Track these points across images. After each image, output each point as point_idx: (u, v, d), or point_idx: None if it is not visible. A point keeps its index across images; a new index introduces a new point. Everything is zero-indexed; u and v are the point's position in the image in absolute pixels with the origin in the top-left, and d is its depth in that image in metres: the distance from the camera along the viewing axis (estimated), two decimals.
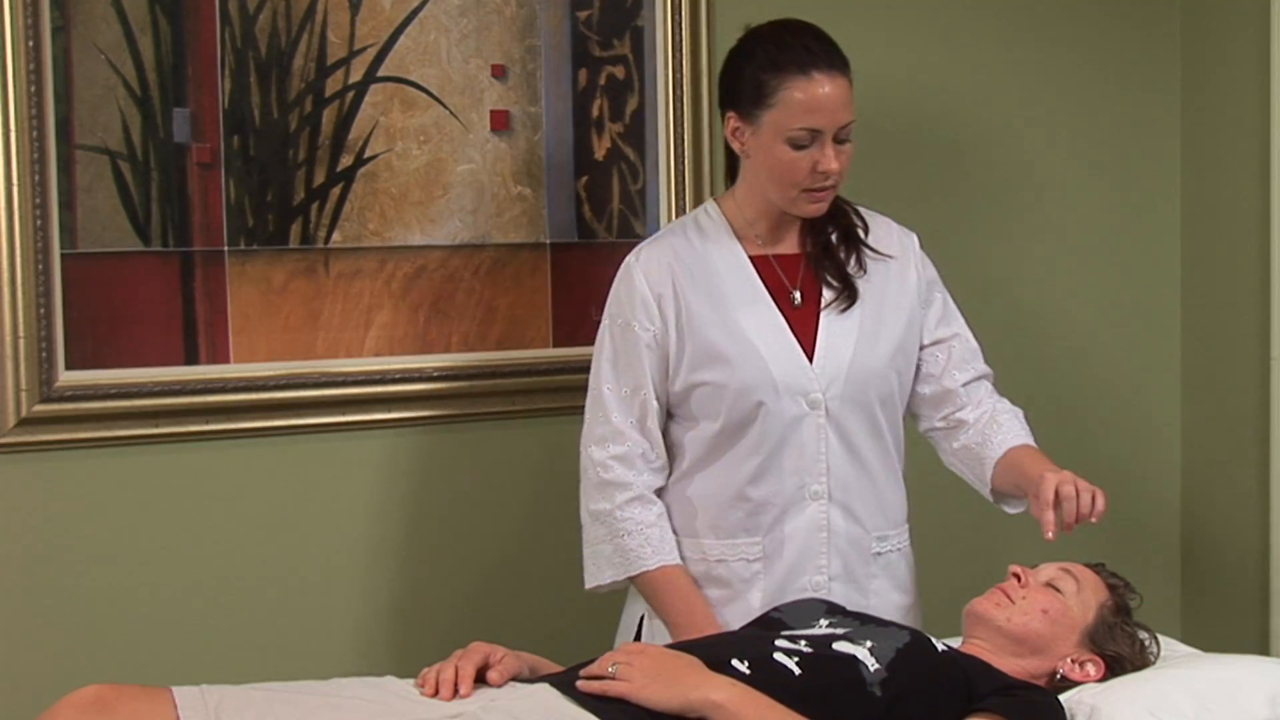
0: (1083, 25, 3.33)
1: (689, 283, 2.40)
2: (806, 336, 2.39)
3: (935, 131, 3.23)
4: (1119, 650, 2.19)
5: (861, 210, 2.51)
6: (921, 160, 3.21)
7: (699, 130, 3.00)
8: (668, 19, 2.97)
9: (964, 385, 2.49)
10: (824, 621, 2.18)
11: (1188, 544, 3.47)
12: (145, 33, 2.63)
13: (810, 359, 2.38)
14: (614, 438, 2.40)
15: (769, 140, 2.32)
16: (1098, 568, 2.28)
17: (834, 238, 2.45)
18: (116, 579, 2.68)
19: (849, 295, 2.41)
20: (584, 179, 2.95)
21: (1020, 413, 2.52)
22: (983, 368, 2.53)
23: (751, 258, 2.42)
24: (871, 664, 2.01)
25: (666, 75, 2.98)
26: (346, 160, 2.78)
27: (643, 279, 2.40)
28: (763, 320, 2.38)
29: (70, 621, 2.66)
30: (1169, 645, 2.34)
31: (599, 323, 2.48)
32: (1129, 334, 3.42)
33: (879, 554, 2.45)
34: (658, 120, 2.99)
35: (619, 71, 2.97)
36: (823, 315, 2.40)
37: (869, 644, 2.05)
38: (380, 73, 2.79)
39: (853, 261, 2.44)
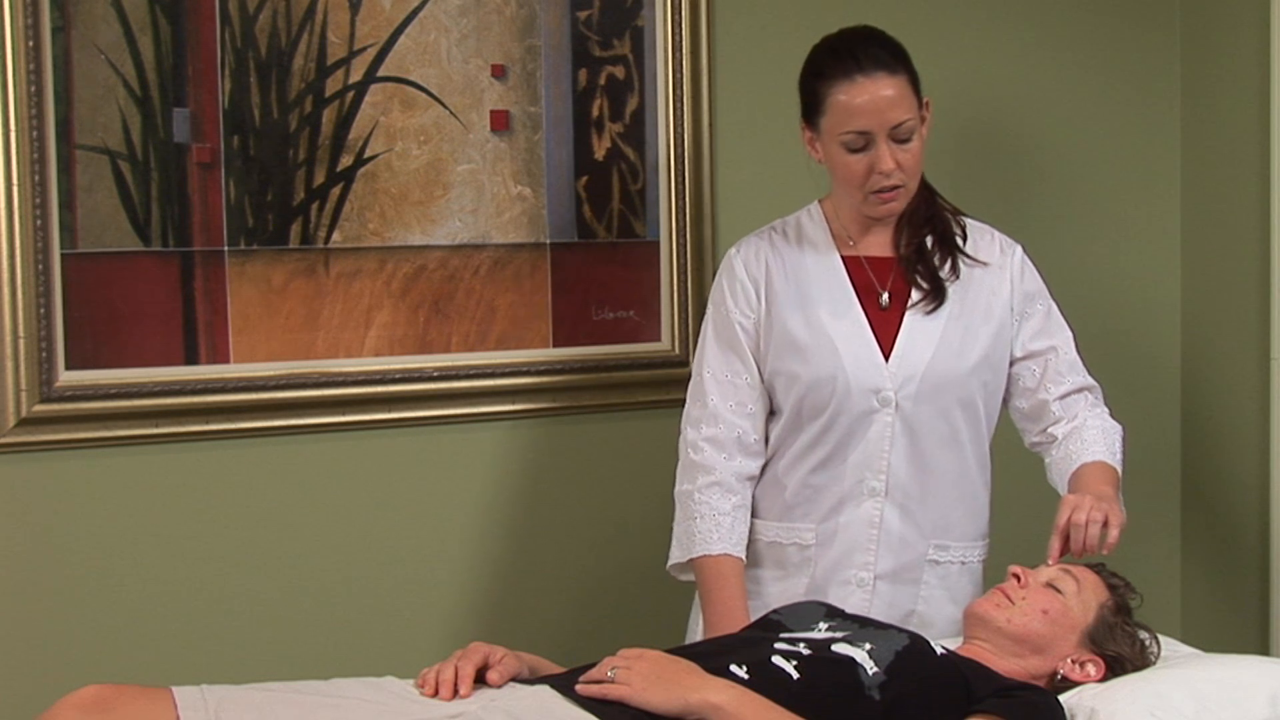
0: (1083, 26, 3.33)
1: (781, 275, 2.45)
2: (888, 337, 2.41)
3: (935, 132, 3.22)
4: (1119, 650, 2.19)
5: (967, 218, 2.52)
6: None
7: (699, 130, 3.00)
8: (668, 19, 2.97)
9: (1058, 399, 2.47)
10: (823, 624, 2.18)
11: (1188, 544, 3.47)
12: (145, 33, 2.63)
13: (887, 358, 2.39)
14: (709, 420, 2.45)
15: (830, 147, 2.37)
16: (1098, 568, 2.28)
17: (929, 241, 2.46)
18: (117, 579, 2.68)
19: (936, 297, 2.42)
20: (584, 179, 2.95)
21: (1116, 429, 2.48)
22: (1082, 380, 2.50)
23: (845, 259, 2.46)
24: (870, 667, 2.01)
25: (666, 75, 2.98)
26: (346, 160, 2.78)
27: (742, 267, 2.48)
28: (844, 316, 2.41)
29: (70, 621, 2.66)
30: (1169, 645, 2.34)
31: (599, 322, 2.49)
32: (1129, 334, 3.41)
33: (936, 562, 2.44)
34: (658, 120, 2.99)
35: (619, 71, 2.97)
36: (907, 315, 2.42)
37: (868, 647, 2.04)
38: (380, 73, 2.79)
39: (947, 266, 2.45)
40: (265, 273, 2.74)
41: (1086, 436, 2.44)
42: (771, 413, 2.48)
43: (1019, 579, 2.22)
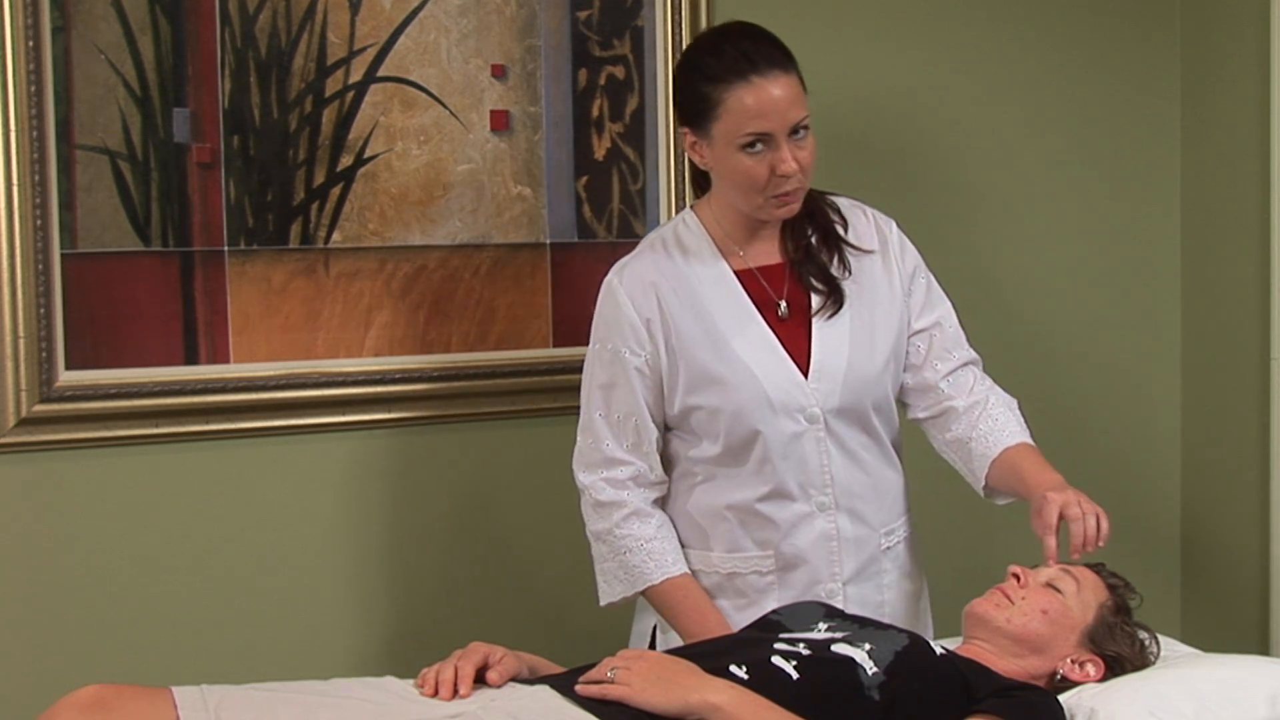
0: (1083, 26, 3.33)
1: (675, 303, 2.35)
2: (799, 349, 2.35)
3: (935, 132, 3.23)
4: (1119, 650, 2.19)
5: (839, 201, 2.45)
6: (921, 161, 3.21)
7: None
8: (668, 19, 2.97)
9: (947, 375, 2.43)
10: (823, 624, 2.18)
11: (1188, 544, 3.47)
12: (145, 33, 2.63)
13: (805, 373, 2.34)
14: (604, 464, 2.38)
15: (724, 151, 2.27)
16: (1098, 568, 2.28)
17: (814, 240, 2.40)
18: (116, 579, 2.68)
19: (836, 299, 2.36)
20: (584, 179, 2.95)
21: (1014, 402, 2.46)
22: (967, 354, 2.47)
23: (736, 272, 2.38)
24: (870, 667, 2.01)
25: (666, 75, 2.98)
26: (346, 160, 2.78)
27: (628, 302, 2.36)
28: (753, 338, 2.34)
29: (70, 621, 2.66)
30: (1169, 645, 2.34)
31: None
32: (1129, 334, 3.41)
33: (888, 549, 2.44)
34: (658, 120, 2.99)
35: (619, 71, 2.97)
36: (815, 326, 2.36)
37: (867, 647, 2.04)
38: (380, 73, 2.79)
39: (835, 262, 2.39)
40: (265, 273, 2.74)
41: (995, 415, 2.40)
42: (684, 442, 2.40)
43: (1019, 579, 2.21)
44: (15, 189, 2.54)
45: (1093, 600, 2.21)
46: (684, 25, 2.97)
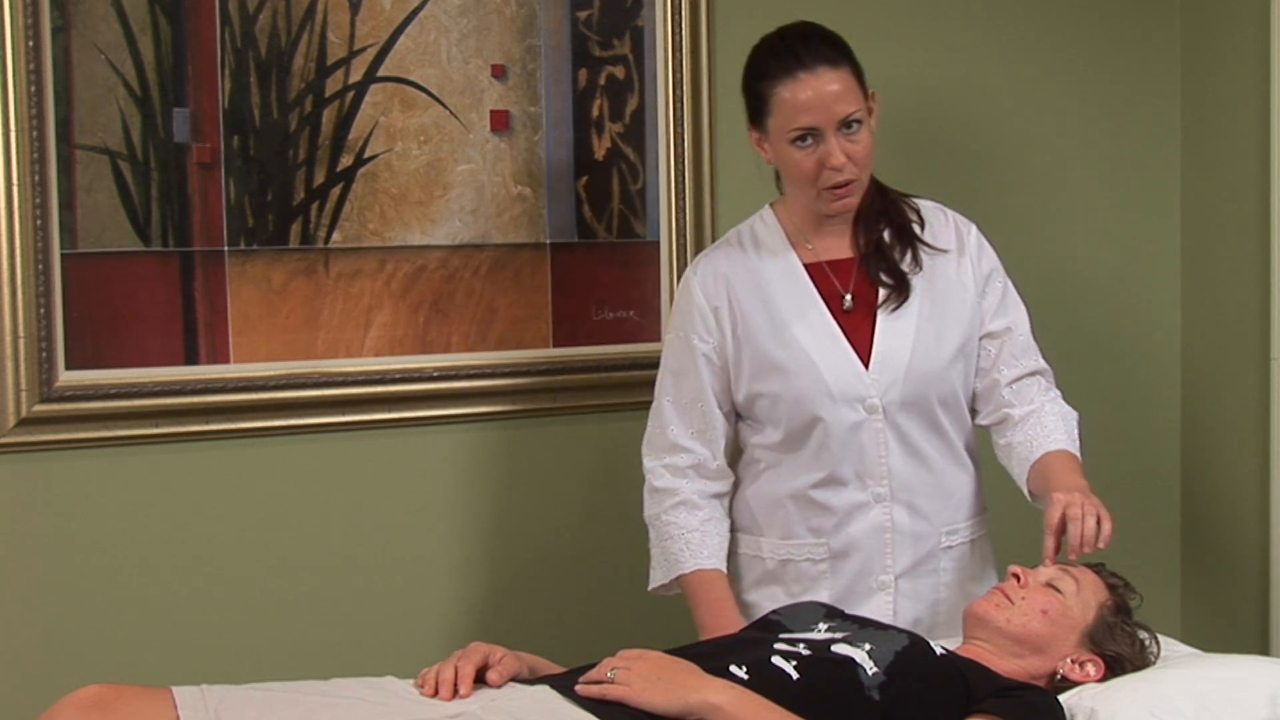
0: (1083, 27, 3.33)
1: (744, 293, 2.43)
2: (862, 341, 2.40)
3: (935, 133, 3.23)
4: (1119, 650, 2.19)
5: (920, 203, 2.51)
6: (921, 161, 3.20)
7: (699, 130, 3.00)
8: (668, 19, 2.97)
9: (1011, 383, 2.46)
10: (823, 625, 2.18)
11: (1188, 544, 3.47)
12: (145, 33, 2.63)
13: (866, 364, 2.38)
14: (668, 449, 2.47)
15: (779, 146, 2.36)
16: (1098, 568, 2.28)
17: (887, 235, 2.44)
18: (116, 579, 2.68)
19: (901, 292, 2.41)
20: (584, 179, 2.95)
21: (1072, 414, 2.47)
22: (1035, 363, 2.49)
23: (805, 265, 2.44)
24: (870, 667, 2.01)
25: (666, 75, 2.98)
26: (346, 160, 2.78)
27: (700, 292, 2.45)
28: (816, 328, 2.40)
29: (70, 621, 2.66)
30: (1169, 645, 2.33)
31: (599, 322, 2.50)
32: (1129, 334, 3.41)
33: (950, 547, 2.45)
34: (658, 120, 2.99)
35: (619, 71, 2.97)
36: (879, 317, 2.41)
37: (867, 647, 2.05)
38: (380, 73, 2.79)
39: (908, 258, 2.44)
40: (265, 273, 2.74)
41: (1047, 423, 2.43)
42: (750, 429, 2.47)
43: (1019, 579, 2.22)
44: (15, 189, 2.54)
45: (1093, 600, 2.21)
46: (684, 25, 2.97)
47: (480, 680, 2.02)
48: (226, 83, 2.69)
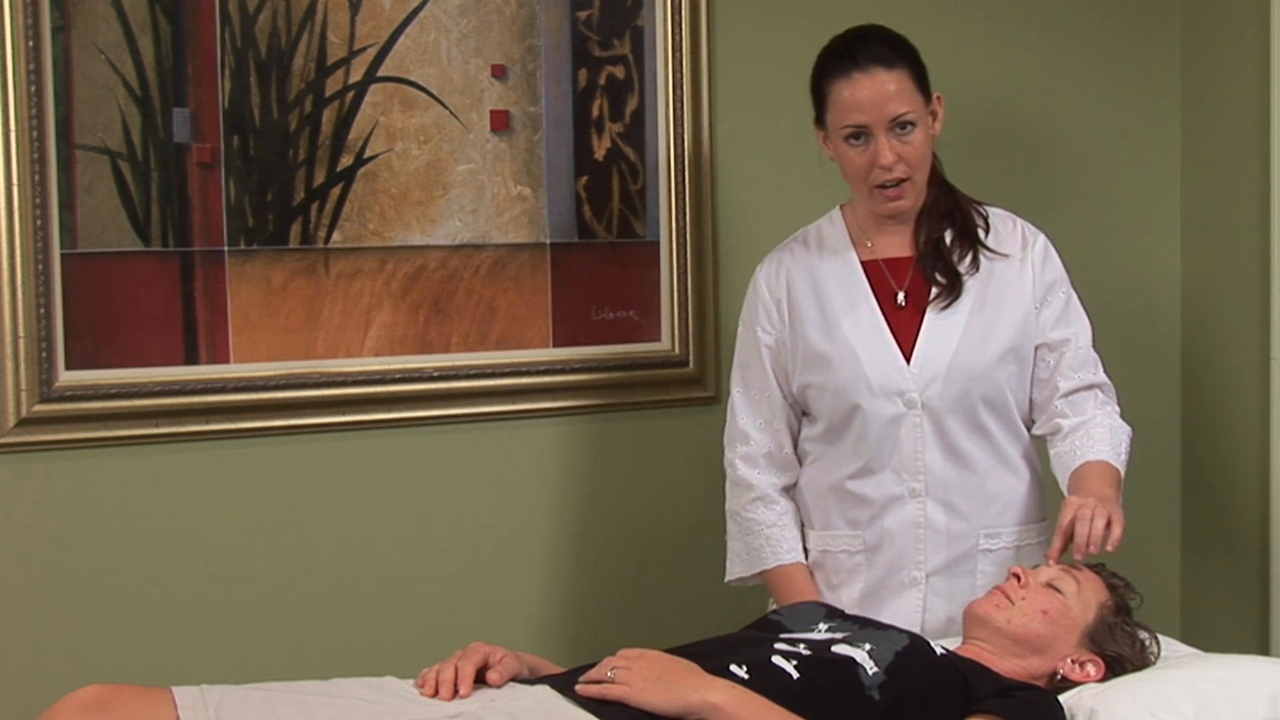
0: (1084, 25, 3.33)
1: (801, 288, 2.50)
2: (908, 337, 2.42)
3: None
4: (1119, 650, 2.19)
5: (991, 210, 2.53)
6: None
7: (699, 130, 3.00)
8: (668, 19, 2.97)
9: (1067, 394, 2.46)
10: (823, 625, 2.18)
11: (1188, 544, 3.47)
12: (145, 33, 2.63)
13: (909, 359, 2.41)
14: (740, 439, 2.54)
15: (835, 143, 2.42)
16: (1098, 568, 2.28)
17: (948, 236, 2.47)
18: (116, 579, 2.68)
19: (953, 292, 2.43)
20: (584, 179, 2.95)
21: (1124, 430, 2.47)
22: (1094, 376, 2.49)
23: (863, 262, 2.48)
24: (870, 667, 2.01)
25: (666, 75, 2.98)
26: (346, 160, 2.78)
27: (764, 286, 2.53)
28: (862, 322, 2.43)
29: (70, 621, 2.66)
30: (1169, 645, 2.34)
31: (599, 322, 2.50)
32: (1129, 334, 3.41)
33: (989, 550, 2.45)
34: (658, 120, 2.99)
35: (619, 71, 2.97)
36: (926, 314, 2.43)
37: (867, 647, 2.05)
38: (380, 73, 2.79)
39: (967, 260, 2.46)
40: (265, 273, 2.74)
41: (1093, 434, 2.43)
42: (804, 422, 2.53)
43: (1019, 579, 2.22)
44: (15, 189, 2.54)
45: (1093, 600, 2.21)
46: (684, 25, 2.97)
47: (480, 680, 2.02)
48: (226, 83, 2.69)
